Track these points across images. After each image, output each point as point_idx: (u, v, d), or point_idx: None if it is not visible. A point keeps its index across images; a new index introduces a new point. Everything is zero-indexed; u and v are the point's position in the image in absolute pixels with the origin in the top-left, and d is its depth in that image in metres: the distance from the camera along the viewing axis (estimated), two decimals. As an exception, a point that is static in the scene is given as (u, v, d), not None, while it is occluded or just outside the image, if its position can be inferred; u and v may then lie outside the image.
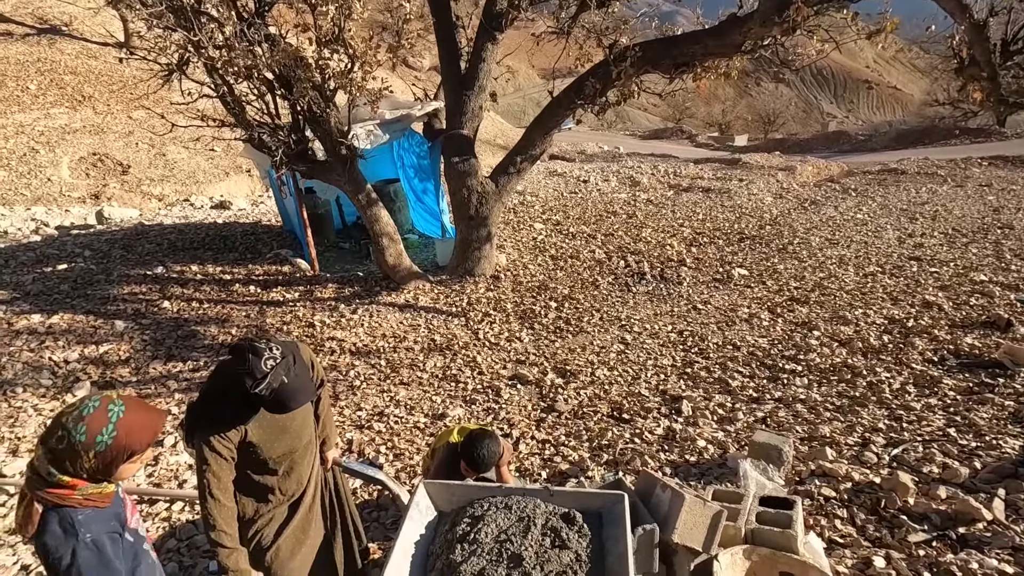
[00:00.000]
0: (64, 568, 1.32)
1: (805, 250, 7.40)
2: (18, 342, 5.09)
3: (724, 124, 46.72)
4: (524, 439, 3.74)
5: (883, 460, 3.17)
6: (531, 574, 1.78)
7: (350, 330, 5.53)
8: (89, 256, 7.51)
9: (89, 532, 1.36)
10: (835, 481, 2.99)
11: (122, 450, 1.40)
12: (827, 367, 4.40)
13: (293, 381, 1.75)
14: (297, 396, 1.78)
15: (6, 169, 12.22)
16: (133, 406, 1.44)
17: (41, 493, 1.35)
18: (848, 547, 2.55)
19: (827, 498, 2.87)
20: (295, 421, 1.99)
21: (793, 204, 10.21)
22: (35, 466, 1.36)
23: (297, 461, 2.05)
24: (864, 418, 3.64)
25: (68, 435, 1.33)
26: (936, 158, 14.87)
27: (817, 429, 3.57)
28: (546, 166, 16.05)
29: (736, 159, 16.40)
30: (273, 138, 5.47)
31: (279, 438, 1.95)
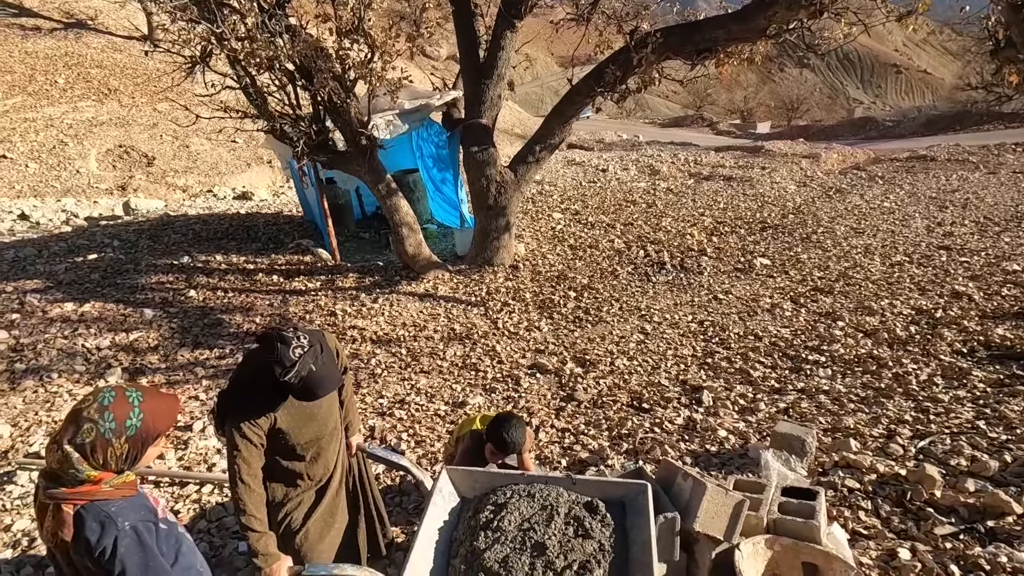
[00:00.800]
0: (108, 558, 1.35)
1: (829, 239, 7.26)
2: (52, 329, 5.25)
3: (746, 111, 45.83)
4: (544, 427, 3.76)
5: (909, 452, 3.12)
6: (555, 563, 1.80)
7: (371, 319, 5.60)
8: (118, 246, 7.70)
9: (127, 520, 1.39)
10: (859, 473, 2.96)
11: (149, 433, 1.43)
12: (851, 358, 4.33)
13: (320, 369, 1.78)
14: (324, 384, 1.81)
15: (37, 162, 12.55)
16: (148, 392, 1.47)
17: (69, 494, 1.35)
18: (872, 539, 2.53)
19: (851, 489, 2.84)
20: (321, 408, 2.04)
21: (817, 192, 10.01)
22: (55, 470, 1.35)
23: (324, 447, 2.09)
24: (890, 410, 3.58)
25: (96, 426, 1.35)
26: (968, 144, 14.42)
27: (841, 420, 3.52)
28: (565, 155, 15.95)
29: (758, 146, 16.10)
30: (294, 129, 5.53)
31: (306, 425, 1.99)
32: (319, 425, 2.04)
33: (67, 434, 1.35)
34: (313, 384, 1.78)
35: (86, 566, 1.38)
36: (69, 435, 1.35)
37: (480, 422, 2.74)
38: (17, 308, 5.61)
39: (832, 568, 2.09)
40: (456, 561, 1.88)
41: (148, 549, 1.41)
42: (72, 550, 1.37)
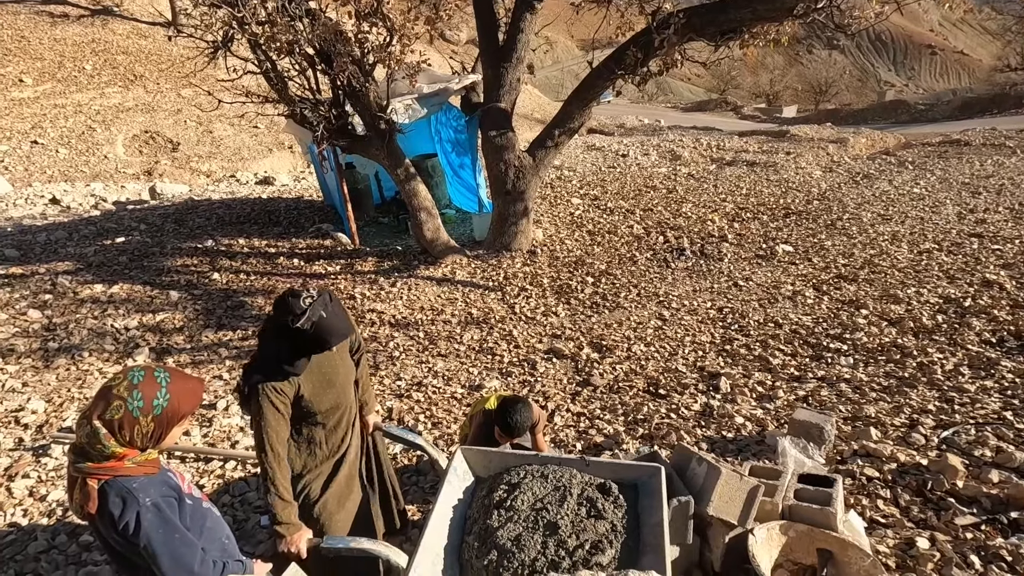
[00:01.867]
0: (132, 533, 1.40)
1: (855, 226, 7.09)
2: (83, 310, 5.41)
3: (772, 95, 44.69)
4: (559, 412, 3.78)
5: (932, 442, 3.07)
6: (567, 542, 1.81)
7: (389, 302, 5.66)
8: (144, 230, 7.88)
9: (148, 496, 1.43)
10: (879, 461, 2.92)
11: (176, 413, 1.47)
12: (875, 347, 4.25)
13: (331, 317, 1.87)
14: (336, 330, 1.89)
15: (67, 147, 12.85)
16: (176, 374, 1.51)
17: (94, 469, 1.40)
18: (890, 527, 2.50)
19: (870, 478, 2.81)
20: (339, 375, 2.12)
21: (844, 178, 9.76)
22: (83, 445, 1.40)
23: (342, 418, 2.17)
24: (913, 399, 3.52)
25: (125, 403, 1.39)
26: (1005, 128, 13.89)
27: (862, 409, 3.47)
28: (584, 140, 15.79)
29: (783, 131, 15.73)
30: (314, 113, 5.56)
31: (326, 392, 2.07)
32: (338, 393, 2.12)
33: (96, 410, 1.40)
34: (325, 330, 1.86)
35: (112, 538, 1.43)
36: (98, 411, 1.39)
37: (495, 402, 2.77)
38: (49, 289, 5.79)
39: (848, 555, 2.08)
40: (470, 538, 1.92)
41: (169, 523, 1.46)
42: (97, 522, 1.42)
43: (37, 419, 3.79)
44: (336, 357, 2.13)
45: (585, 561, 1.75)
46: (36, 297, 5.61)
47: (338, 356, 2.14)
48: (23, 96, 14.13)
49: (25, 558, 2.65)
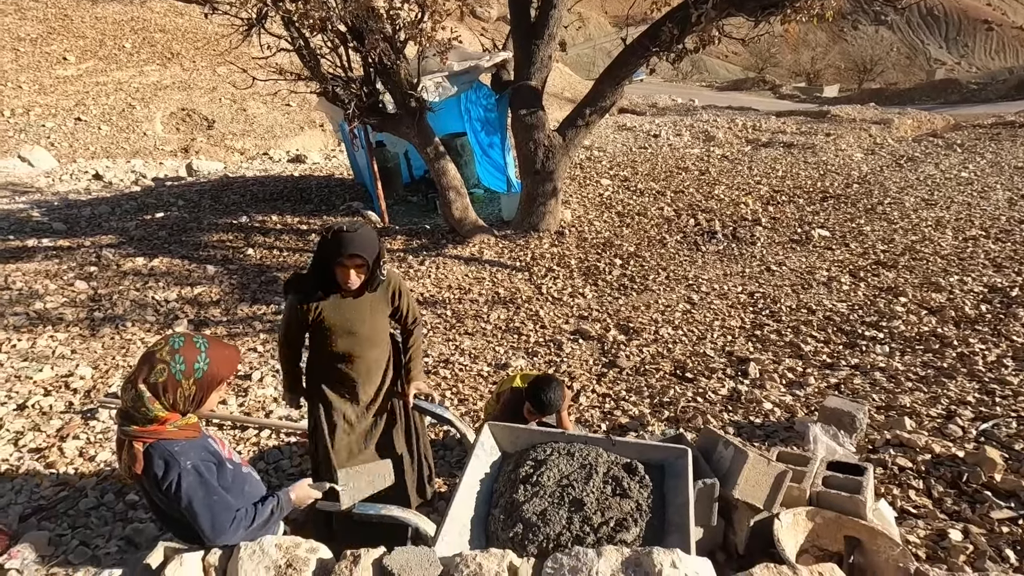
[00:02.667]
0: (174, 493, 1.48)
1: (896, 211, 6.84)
2: (126, 282, 5.63)
3: (813, 73, 43.01)
4: (585, 392, 3.79)
5: (969, 434, 2.99)
6: (592, 519, 1.84)
7: (418, 280, 5.72)
8: (182, 205, 8.10)
9: (189, 460, 1.51)
10: (912, 452, 2.86)
11: (215, 377, 1.53)
12: (913, 335, 4.13)
13: (351, 231, 2.05)
14: (352, 242, 2.03)
15: (108, 124, 13.23)
16: (213, 341, 1.57)
17: (139, 432, 1.47)
18: (922, 518, 2.46)
19: (902, 468, 2.75)
20: (364, 326, 2.25)
21: (886, 161, 9.38)
22: (128, 409, 1.47)
23: (364, 372, 2.32)
24: (951, 390, 3.42)
25: (168, 367, 1.46)
26: (1065, 109, 13.10)
27: (896, 399, 3.39)
28: (615, 120, 15.51)
29: (824, 111, 15.16)
30: (346, 91, 5.59)
31: (343, 338, 2.24)
32: (358, 344, 2.26)
33: (141, 374, 1.46)
34: (342, 240, 2.03)
35: (157, 496, 1.52)
36: (143, 375, 1.46)
37: (521, 380, 2.80)
38: (94, 262, 6.03)
39: (876, 543, 2.06)
40: (496, 511, 1.96)
41: (208, 485, 1.53)
42: (144, 482, 1.51)
43: (85, 384, 3.98)
44: (365, 310, 2.24)
45: (610, 538, 1.78)
46: (82, 269, 5.85)
47: (368, 308, 2.25)
48: (67, 74, 14.56)
49: (76, 513, 2.81)
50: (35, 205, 8.19)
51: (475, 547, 1.84)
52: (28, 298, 5.19)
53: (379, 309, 2.31)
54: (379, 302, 2.30)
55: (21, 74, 14.12)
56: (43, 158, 11.23)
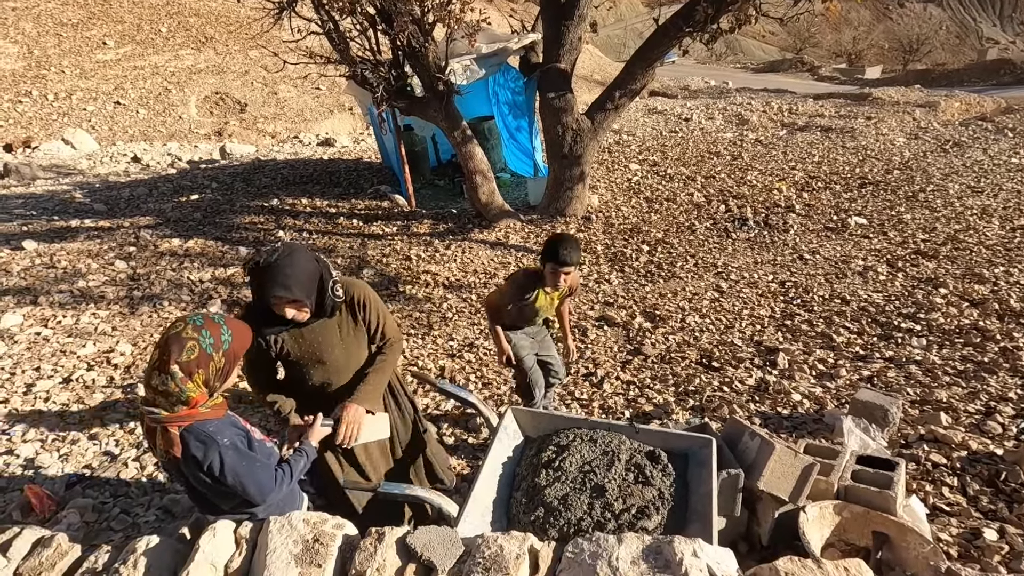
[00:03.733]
0: (218, 472, 1.52)
1: (940, 198, 6.56)
2: (163, 262, 5.81)
3: (854, 54, 41.28)
4: (608, 379, 3.78)
5: (1010, 432, 2.88)
6: (613, 505, 1.84)
7: (444, 264, 5.75)
8: (216, 188, 8.28)
9: (225, 437, 1.55)
10: (947, 448, 2.77)
11: (240, 349, 1.58)
12: (952, 328, 3.98)
13: (272, 268, 1.75)
14: (276, 281, 1.75)
15: (146, 108, 13.56)
16: (226, 317, 1.61)
17: (171, 417, 1.49)
18: (955, 516, 2.39)
19: (936, 464, 2.68)
20: (332, 355, 1.98)
21: (931, 146, 8.99)
22: (154, 397, 1.48)
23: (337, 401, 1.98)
24: (991, 386, 3.29)
25: (197, 343, 1.48)
26: None
27: (932, 393, 3.29)
28: (645, 103, 15.21)
29: (865, 94, 14.57)
30: (374, 74, 5.60)
31: (315, 368, 1.98)
32: (330, 373, 2.00)
33: (172, 355, 1.46)
34: (262, 280, 1.76)
35: (199, 478, 1.56)
36: (175, 356, 1.46)
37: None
38: (133, 242, 6.23)
39: (906, 540, 2.01)
40: (518, 494, 1.98)
41: (247, 455, 1.58)
42: (183, 465, 1.55)
43: (125, 360, 4.14)
44: (334, 335, 1.97)
45: (631, 525, 1.78)
46: (122, 249, 6.06)
47: (338, 336, 1.98)
48: (106, 58, 14.94)
49: (118, 483, 2.95)
50: (77, 187, 8.49)
51: (496, 529, 1.86)
52: (72, 276, 5.40)
53: (350, 331, 2.01)
54: (347, 323, 2.01)
55: (64, 59, 14.54)
56: (85, 141, 11.60)
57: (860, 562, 1.32)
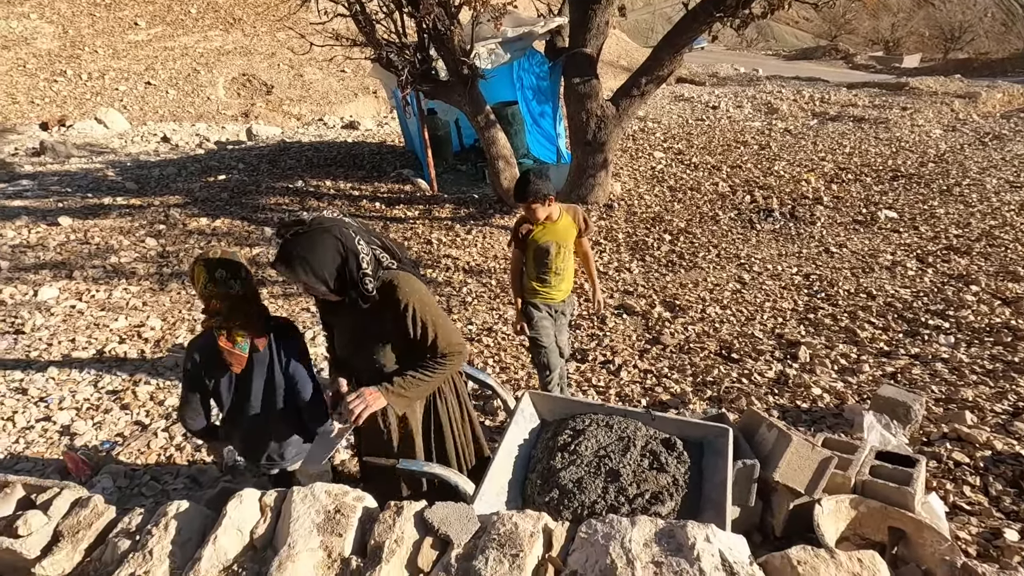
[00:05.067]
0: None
1: (976, 193, 6.36)
2: (191, 240, 5.95)
3: (892, 42, 39.86)
4: (626, 367, 3.78)
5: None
6: (627, 490, 1.86)
7: (464, 249, 5.78)
8: (242, 169, 8.41)
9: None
10: (971, 447, 2.73)
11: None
12: (982, 327, 3.88)
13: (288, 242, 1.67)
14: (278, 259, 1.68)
15: (175, 88, 13.78)
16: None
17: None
18: (976, 515, 2.36)
19: (958, 463, 2.64)
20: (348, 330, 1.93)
21: (969, 138, 8.68)
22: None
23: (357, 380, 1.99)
24: (1021, 386, 3.22)
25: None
26: None
27: (958, 392, 3.22)
28: (671, 90, 14.94)
29: (902, 83, 14.09)
30: (400, 57, 5.61)
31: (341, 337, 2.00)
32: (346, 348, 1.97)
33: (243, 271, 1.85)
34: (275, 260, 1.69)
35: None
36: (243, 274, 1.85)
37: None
38: (163, 220, 6.38)
39: (923, 537, 2.00)
40: (533, 476, 2.01)
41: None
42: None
43: (155, 335, 4.28)
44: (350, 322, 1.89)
45: (644, 510, 1.80)
46: (152, 227, 6.21)
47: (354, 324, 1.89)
48: (138, 39, 15.18)
49: (147, 451, 3.06)
50: (110, 165, 8.70)
51: (511, 509, 1.90)
52: (104, 252, 5.57)
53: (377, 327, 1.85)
54: (378, 320, 1.83)
55: (97, 39, 14.83)
56: (117, 120, 11.86)
57: (874, 554, 1.32)
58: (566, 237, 2.86)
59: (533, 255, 2.86)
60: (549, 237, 2.80)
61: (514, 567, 1.36)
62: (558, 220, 2.81)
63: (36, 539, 1.54)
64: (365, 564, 1.43)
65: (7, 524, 1.57)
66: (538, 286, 2.93)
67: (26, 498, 1.69)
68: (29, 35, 14.44)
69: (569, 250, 2.91)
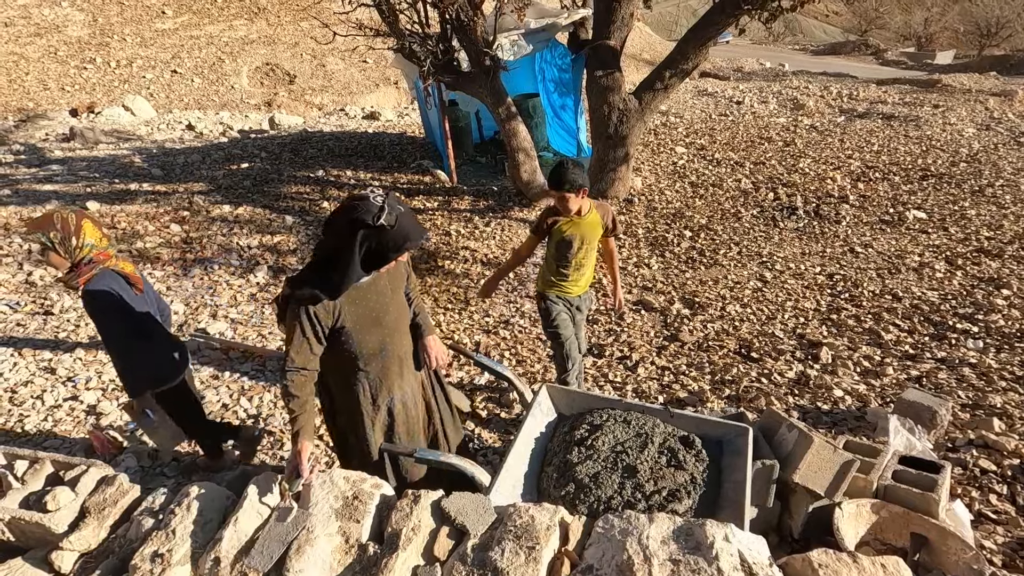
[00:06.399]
0: None
1: (1009, 194, 6.17)
2: (214, 227, 6.03)
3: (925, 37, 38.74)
4: (643, 363, 3.76)
5: (1068, 443, 2.73)
6: (644, 486, 1.85)
7: (483, 241, 5.78)
8: (264, 157, 8.50)
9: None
10: (998, 455, 2.66)
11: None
12: (1013, 332, 3.77)
13: (408, 214, 1.70)
14: (413, 231, 1.70)
15: (200, 77, 13.95)
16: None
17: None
18: (1002, 524, 2.30)
19: (984, 471, 2.57)
20: (389, 315, 1.91)
21: (1003, 138, 8.41)
22: None
23: (389, 366, 1.97)
24: (1052, 394, 3.12)
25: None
26: None
27: (986, 398, 3.14)
28: (695, 84, 14.72)
29: (934, 80, 13.71)
30: (422, 48, 5.60)
31: (371, 331, 1.86)
32: (385, 335, 1.90)
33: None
34: (406, 228, 1.67)
35: None
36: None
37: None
38: (187, 207, 6.48)
39: (947, 544, 1.96)
40: (549, 469, 2.01)
41: None
42: None
43: (178, 319, 4.35)
44: (387, 292, 1.89)
45: (661, 507, 1.79)
46: (176, 213, 6.31)
47: (389, 292, 1.91)
48: (165, 27, 15.40)
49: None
50: (136, 151, 8.85)
51: (527, 501, 1.90)
52: (131, 237, 5.67)
53: (397, 286, 1.96)
54: (397, 278, 1.95)
55: (125, 27, 15.06)
56: (143, 108, 12.06)
57: (898, 560, 1.29)
58: (591, 233, 2.83)
59: (555, 247, 2.84)
60: (574, 231, 2.78)
61: (530, 559, 1.36)
62: (586, 215, 2.78)
63: (64, 514, 1.58)
64: (382, 550, 1.44)
65: (37, 498, 1.61)
66: (556, 279, 2.92)
67: (55, 474, 1.74)
68: (61, 23, 14.73)
69: (592, 247, 2.89)
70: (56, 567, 1.53)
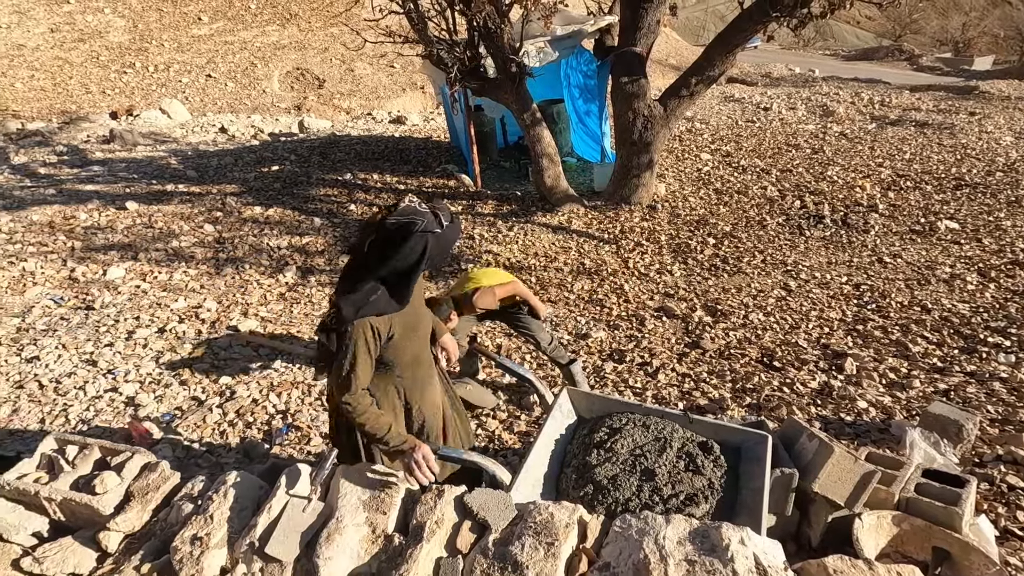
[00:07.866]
0: None
1: (1048, 205, 6.00)
2: (245, 228, 6.22)
3: (963, 42, 37.64)
4: (664, 370, 3.77)
5: (1102, 461, 2.67)
6: (662, 490, 1.88)
7: (505, 246, 5.85)
8: (294, 160, 8.72)
9: None
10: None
11: None
12: (1047, 347, 3.68)
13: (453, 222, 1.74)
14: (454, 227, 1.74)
15: (234, 81, 14.35)
16: None
17: None
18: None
19: (1012, 487, 2.53)
20: (422, 323, 1.95)
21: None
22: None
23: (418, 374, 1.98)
24: (1087, 411, 3.05)
25: None
26: None
27: (1016, 413, 3.08)
28: (722, 90, 14.60)
29: (971, 87, 13.36)
30: (450, 54, 5.70)
31: (411, 339, 1.88)
32: (419, 344, 1.94)
33: None
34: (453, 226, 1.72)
35: None
36: None
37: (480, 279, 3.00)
38: (220, 208, 6.69)
39: (970, 560, 1.94)
40: (568, 470, 2.05)
41: None
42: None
43: (211, 316, 4.51)
44: (417, 300, 1.92)
45: (678, 510, 1.81)
46: (210, 214, 6.53)
47: (418, 300, 1.95)
48: (201, 33, 15.88)
49: (203, 425, 3.25)
50: (172, 153, 9.16)
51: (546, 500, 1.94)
52: (167, 236, 5.89)
53: (422, 294, 2.03)
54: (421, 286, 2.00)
55: (163, 32, 15.59)
56: (179, 111, 12.45)
57: (914, 569, 1.31)
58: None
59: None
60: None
61: (549, 555, 1.41)
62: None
63: (110, 497, 1.68)
64: (407, 541, 1.50)
65: (86, 481, 1.72)
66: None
67: (102, 459, 1.84)
68: (103, 29, 15.32)
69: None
70: (103, 546, 1.63)
